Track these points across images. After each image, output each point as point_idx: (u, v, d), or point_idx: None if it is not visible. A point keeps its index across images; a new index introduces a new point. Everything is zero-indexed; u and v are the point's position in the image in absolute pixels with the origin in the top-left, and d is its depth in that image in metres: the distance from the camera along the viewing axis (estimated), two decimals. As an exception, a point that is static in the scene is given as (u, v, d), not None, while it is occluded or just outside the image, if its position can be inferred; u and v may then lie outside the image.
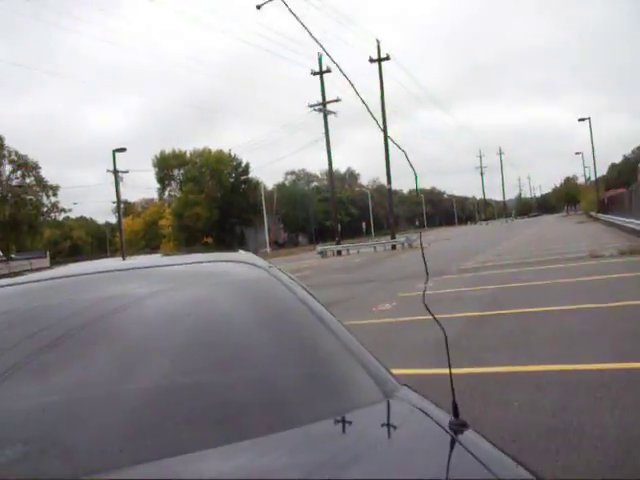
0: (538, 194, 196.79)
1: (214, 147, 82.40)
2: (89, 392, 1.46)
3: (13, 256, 44.27)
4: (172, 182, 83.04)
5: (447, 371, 1.56)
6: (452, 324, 8.81)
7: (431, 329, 8.34)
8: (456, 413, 1.35)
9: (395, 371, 1.77)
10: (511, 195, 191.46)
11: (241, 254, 2.45)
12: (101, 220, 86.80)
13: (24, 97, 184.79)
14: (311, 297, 1.93)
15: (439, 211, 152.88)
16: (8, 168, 39.97)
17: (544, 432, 4.14)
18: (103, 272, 2.10)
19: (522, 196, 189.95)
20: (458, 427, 1.31)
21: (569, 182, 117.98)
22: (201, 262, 2.26)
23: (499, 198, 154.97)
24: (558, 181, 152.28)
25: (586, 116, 62.58)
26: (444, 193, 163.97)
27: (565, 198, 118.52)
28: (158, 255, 3.30)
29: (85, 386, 1.47)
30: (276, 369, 1.58)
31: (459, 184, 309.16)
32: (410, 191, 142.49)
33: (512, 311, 9.46)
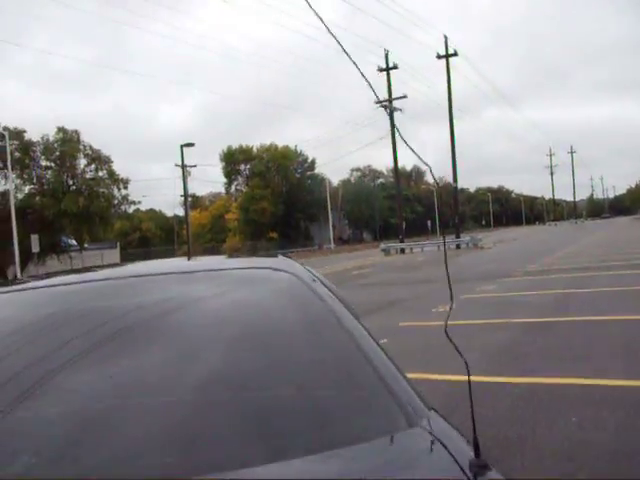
0: (611, 195, 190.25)
1: (280, 143, 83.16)
2: (121, 402, 1.45)
3: (86, 246, 45.89)
4: (239, 177, 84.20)
5: (496, 379, 1.45)
6: (508, 330, 8.60)
7: (488, 333, 8.14)
8: (477, 452, 1.23)
9: (443, 377, 1.67)
10: (582, 195, 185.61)
11: (280, 260, 2.42)
12: (169, 213, 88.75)
13: (99, 94, 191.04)
14: (346, 311, 1.83)
15: (506, 210, 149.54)
16: (83, 162, 41.42)
17: (604, 454, 3.94)
18: (137, 277, 2.11)
19: (594, 197, 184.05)
20: (478, 469, 1.18)
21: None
22: (243, 268, 2.23)
23: (569, 198, 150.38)
24: (633, 182, 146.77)
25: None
26: (512, 192, 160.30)
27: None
28: (210, 258, 3.29)
29: (120, 395, 1.46)
30: (288, 392, 1.49)
31: (528, 183, 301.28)
32: (477, 189, 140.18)
33: (571, 318, 9.13)
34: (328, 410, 1.43)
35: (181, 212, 70.10)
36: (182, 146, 50.58)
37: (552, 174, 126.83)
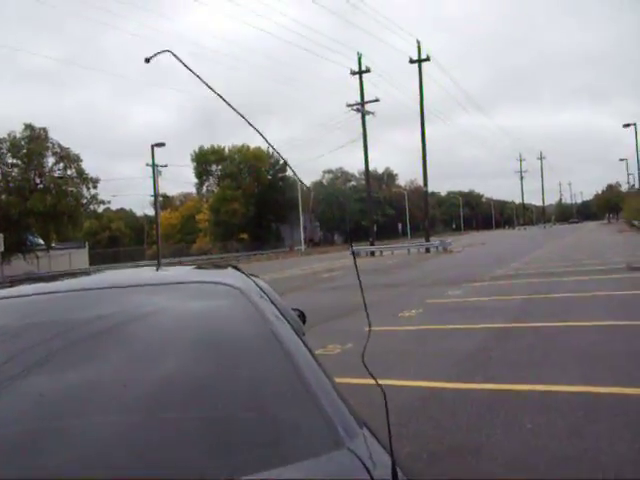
0: (579, 200, 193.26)
1: (252, 144, 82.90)
2: (57, 419, 1.41)
3: (54, 245, 45.20)
4: (210, 177, 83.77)
5: (457, 386, 1.41)
6: (472, 336, 8.66)
7: (451, 340, 8.20)
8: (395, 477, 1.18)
9: (407, 382, 1.64)
10: (551, 200, 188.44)
11: (228, 272, 2.38)
12: (140, 212, 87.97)
13: (67, 92, 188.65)
14: (288, 327, 1.79)
15: (477, 214, 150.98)
16: (51, 160, 40.77)
17: (555, 460, 3.98)
18: (78, 291, 2.06)
19: (562, 202, 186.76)
20: None
21: (612, 189, 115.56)
22: (188, 282, 2.17)
23: (539, 203, 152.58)
24: (600, 188, 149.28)
25: (631, 122, 61.32)
26: (483, 196, 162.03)
27: (607, 205, 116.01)
28: (168, 270, 3.15)
29: (55, 413, 1.43)
30: (210, 413, 1.44)
31: (499, 188, 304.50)
32: (448, 193, 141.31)
33: (535, 324, 9.23)
34: (251, 432, 1.38)
35: (151, 212, 69.48)
36: (153, 146, 50.19)
37: (522, 179, 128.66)
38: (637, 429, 4.41)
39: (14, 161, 39.82)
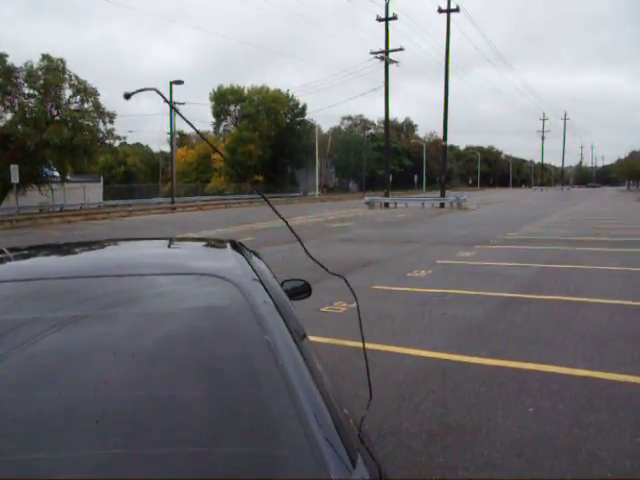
0: (600, 165, 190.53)
1: (272, 86, 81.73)
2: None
3: (69, 178, 45.17)
4: (228, 117, 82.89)
5: (461, 358, 1.27)
6: (481, 304, 8.57)
7: (459, 306, 8.12)
8: None
9: (410, 351, 1.52)
10: (571, 162, 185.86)
11: (227, 253, 2.26)
12: (156, 149, 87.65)
13: (87, 24, 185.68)
14: (285, 328, 1.64)
15: (495, 171, 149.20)
16: (68, 92, 40.16)
17: (557, 449, 3.93)
18: (39, 280, 1.90)
19: (582, 165, 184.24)
20: None
21: (635, 156, 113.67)
22: (177, 274, 1.98)
23: (558, 164, 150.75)
24: (622, 153, 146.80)
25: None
26: (502, 153, 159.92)
27: (628, 172, 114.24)
28: (140, 248, 2.83)
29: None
30: (186, 446, 1.31)
31: (519, 146, 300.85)
32: (467, 147, 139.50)
33: (546, 297, 9.12)
34: (235, 468, 1.27)
35: (168, 149, 69.04)
36: (172, 83, 49.69)
37: (543, 139, 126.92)
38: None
39: (31, 92, 39.38)
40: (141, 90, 1.47)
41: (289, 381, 1.43)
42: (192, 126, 1.79)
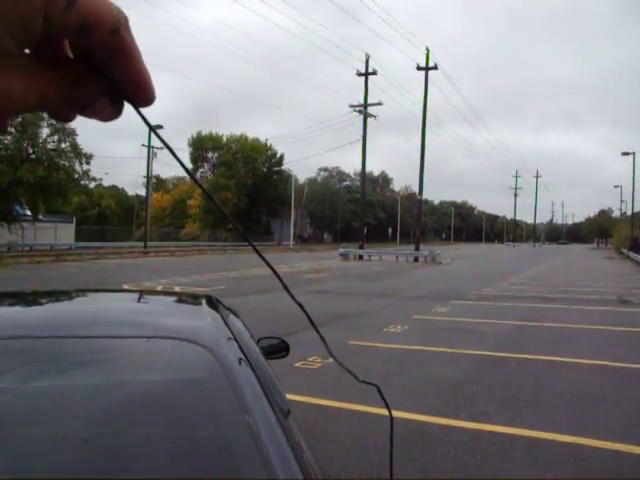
0: (570, 222, 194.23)
1: (251, 135, 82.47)
2: None
3: (41, 217, 44.58)
4: (205, 164, 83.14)
5: (441, 421, 1.08)
6: (459, 362, 8.36)
7: (437, 365, 7.86)
8: None
9: (386, 411, 1.29)
10: (542, 219, 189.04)
11: (203, 310, 2.04)
12: (132, 192, 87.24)
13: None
14: (270, 411, 1.40)
15: (468, 226, 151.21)
16: (46, 131, 40.09)
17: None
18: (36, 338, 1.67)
19: (553, 221, 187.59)
20: None
21: (603, 214, 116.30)
22: (151, 337, 1.69)
23: (530, 220, 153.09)
24: (592, 212, 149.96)
25: (630, 150, 61.59)
26: (475, 209, 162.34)
27: (597, 230, 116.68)
28: (120, 302, 2.59)
29: None
30: None
31: (491, 202, 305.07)
32: (441, 202, 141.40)
33: (524, 356, 8.95)
34: None
35: (143, 192, 68.78)
36: (150, 127, 49.88)
37: (516, 195, 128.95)
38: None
39: (8, 129, 39.21)
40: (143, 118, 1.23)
41: (272, 469, 1.20)
42: (181, 163, 1.56)
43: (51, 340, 1.63)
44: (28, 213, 43.38)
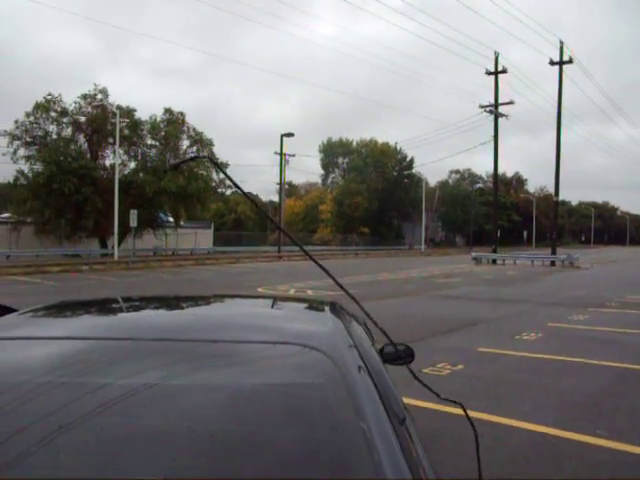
0: None
1: (380, 139, 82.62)
2: None
3: (182, 223, 47.27)
4: (336, 169, 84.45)
5: (574, 437, 1.08)
6: (597, 374, 7.97)
7: (572, 376, 7.51)
8: None
9: (518, 423, 1.29)
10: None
11: (327, 317, 2.13)
12: (265, 198, 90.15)
13: (208, 84, 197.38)
14: (388, 424, 1.41)
15: (610, 228, 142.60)
16: (185, 143, 42.71)
17: None
18: (143, 340, 1.85)
19: None
20: None
21: None
22: (271, 343, 1.84)
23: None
24: None
25: None
26: (617, 209, 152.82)
27: None
28: (248, 308, 2.77)
29: None
30: None
31: (636, 202, 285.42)
32: (580, 203, 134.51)
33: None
34: None
35: (276, 199, 70.90)
36: (282, 135, 51.51)
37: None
38: None
39: (153, 142, 41.93)
40: (186, 160, 1.35)
41: (383, 474, 1.24)
42: (235, 185, 1.96)
43: (187, 343, 1.83)
44: (171, 220, 46.21)
